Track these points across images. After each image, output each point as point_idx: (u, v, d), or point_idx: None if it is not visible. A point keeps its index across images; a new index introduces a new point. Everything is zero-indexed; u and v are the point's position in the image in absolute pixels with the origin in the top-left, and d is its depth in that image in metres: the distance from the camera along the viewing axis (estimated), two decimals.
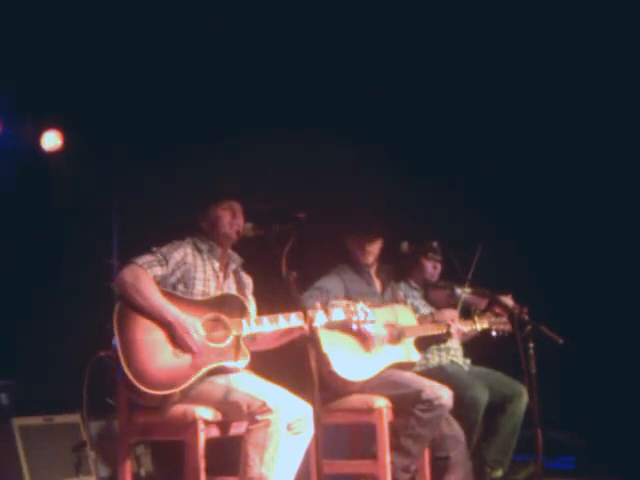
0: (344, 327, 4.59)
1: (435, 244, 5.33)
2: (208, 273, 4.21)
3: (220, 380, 3.97)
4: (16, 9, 5.39)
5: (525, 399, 5.01)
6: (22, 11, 5.43)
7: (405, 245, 5.22)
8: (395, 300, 5.04)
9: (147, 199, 5.90)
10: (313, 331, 3.74)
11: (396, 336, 4.79)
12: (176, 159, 5.88)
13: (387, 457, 4.44)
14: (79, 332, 5.41)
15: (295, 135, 5.86)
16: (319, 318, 4.06)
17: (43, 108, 5.94)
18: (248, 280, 4.40)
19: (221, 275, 4.27)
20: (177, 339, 3.93)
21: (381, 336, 4.68)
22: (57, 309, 5.77)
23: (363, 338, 4.64)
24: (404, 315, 4.92)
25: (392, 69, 6.17)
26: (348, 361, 4.59)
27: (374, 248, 4.97)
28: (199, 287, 4.15)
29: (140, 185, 5.99)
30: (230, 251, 4.35)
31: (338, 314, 4.20)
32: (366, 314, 4.23)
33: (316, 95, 6.10)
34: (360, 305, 4.24)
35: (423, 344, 5.03)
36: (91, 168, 6.00)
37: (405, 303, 5.11)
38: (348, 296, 4.74)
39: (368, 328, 4.58)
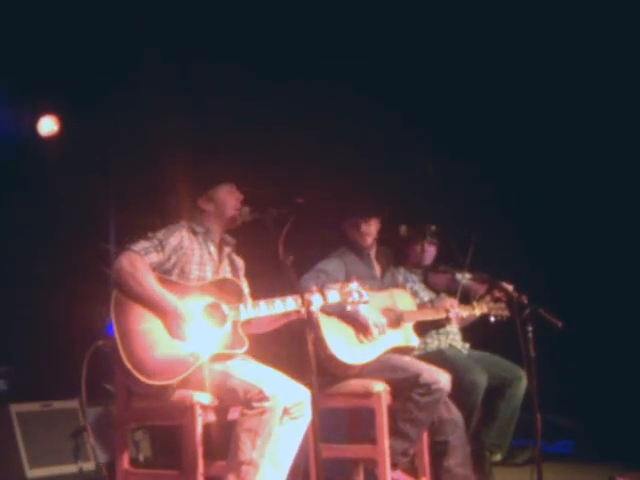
0: (343, 316, 4.60)
1: (434, 228, 5.31)
2: (205, 257, 4.17)
3: (218, 366, 3.95)
4: None
5: (524, 383, 5.00)
6: None
7: (404, 229, 5.20)
8: (394, 284, 5.03)
9: (144, 184, 5.88)
10: (311, 315, 3.72)
11: (395, 320, 4.78)
12: (174, 144, 5.85)
13: (386, 441, 4.44)
14: (77, 317, 5.39)
15: (293, 119, 5.83)
16: (315, 301, 4.03)
17: (40, 93, 5.91)
18: (241, 262, 4.37)
19: (217, 259, 4.24)
20: (175, 328, 3.91)
21: (381, 324, 4.66)
22: (54, 294, 5.75)
23: (362, 329, 4.62)
24: (402, 300, 4.90)
25: (394, 52, 6.12)
26: (347, 345, 4.59)
27: (371, 229, 4.94)
28: (195, 272, 4.11)
29: (137, 170, 5.96)
30: (224, 234, 4.33)
31: (333, 296, 4.18)
32: (360, 295, 4.20)
33: (314, 78, 6.06)
34: (354, 286, 4.22)
35: (422, 329, 5.02)
36: (88, 153, 5.98)
37: (404, 287, 5.10)
38: (348, 279, 4.72)
39: (363, 311, 4.56)
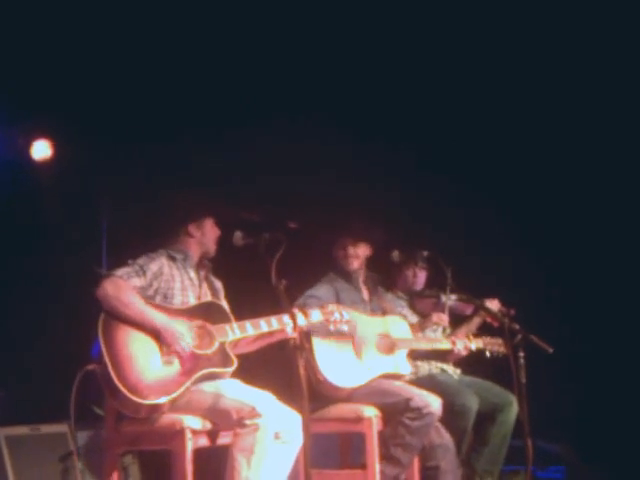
0: (340, 334, 4.61)
1: (426, 253, 5.30)
2: (185, 283, 4.21)
3: (208, 387, 3.97)
4: (5, 19, 5.38)
5: (515, 409, 4.99)
6: (11, 21, 5.42)
7: (396, 254, 5.19)
8: (382, 310, 5.02)
9: (137, 208, 5.88)
10: (302, 340, 3.73)
11: (388, 347, 4.78)
12: (167, 169, 5.87)
13: (377, 467, 4.43)
14: (66, 341, 5.37)
15: (286, 141, 5.85)
16: (299, 320, 4.07)
17: (33, 117, 5.92)
18: (219, 284, 4.42)
19: (197, 284, 4.27)
20: (166, 345, 3.93)
21: (369, 339, 4.68)
22: (44, 318, 5.74)
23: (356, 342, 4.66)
24: (397, 326, 4.90)
25: (393, 74, 6.15)
26: (338, 367, 4.59)
27: (359, 252, 4.94)
28: (178, 297, 4.16)
29: (130, 194, 5.96)
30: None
31: (316, 315, 4.29)
32: (342, 314, 4.33)
33: (310, 100, 6.08)
34: (333, 306, 4.35)
35: (424, 357, 5.04)
36: (81, 177, 5.98)
37: (397, 313, 5.07)
38: (339, 303, 4.72)
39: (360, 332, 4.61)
